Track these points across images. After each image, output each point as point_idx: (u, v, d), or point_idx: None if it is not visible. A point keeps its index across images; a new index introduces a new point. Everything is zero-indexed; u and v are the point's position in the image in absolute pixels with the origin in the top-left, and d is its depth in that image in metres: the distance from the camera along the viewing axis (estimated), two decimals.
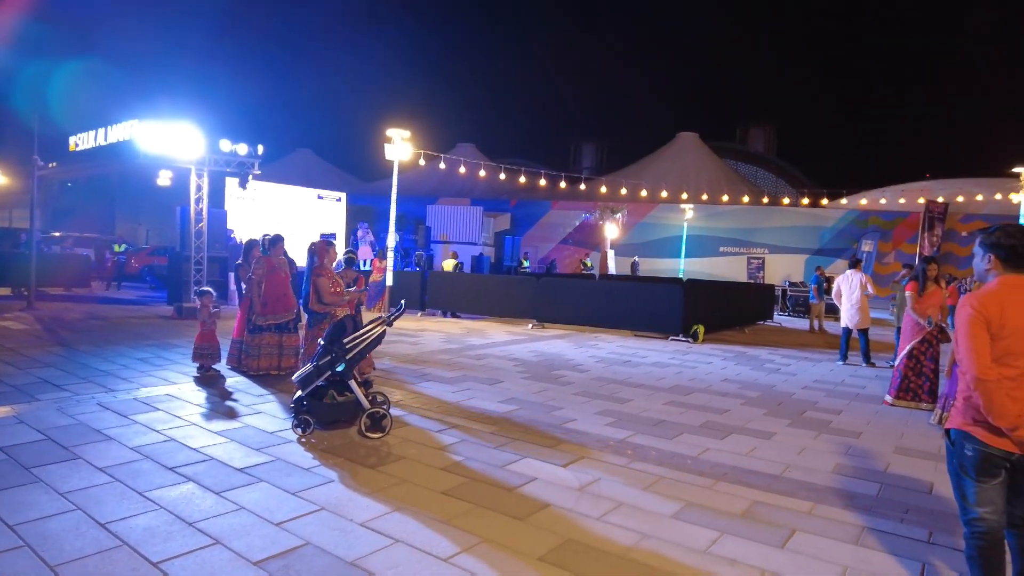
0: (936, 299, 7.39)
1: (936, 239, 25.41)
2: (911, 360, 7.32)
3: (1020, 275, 2.57)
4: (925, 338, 7.32)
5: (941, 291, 7.53)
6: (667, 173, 34.96)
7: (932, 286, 7.41)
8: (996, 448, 2.52)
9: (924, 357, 7.29)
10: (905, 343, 7.45)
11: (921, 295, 7.37)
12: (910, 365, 7.31)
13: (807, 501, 4.13)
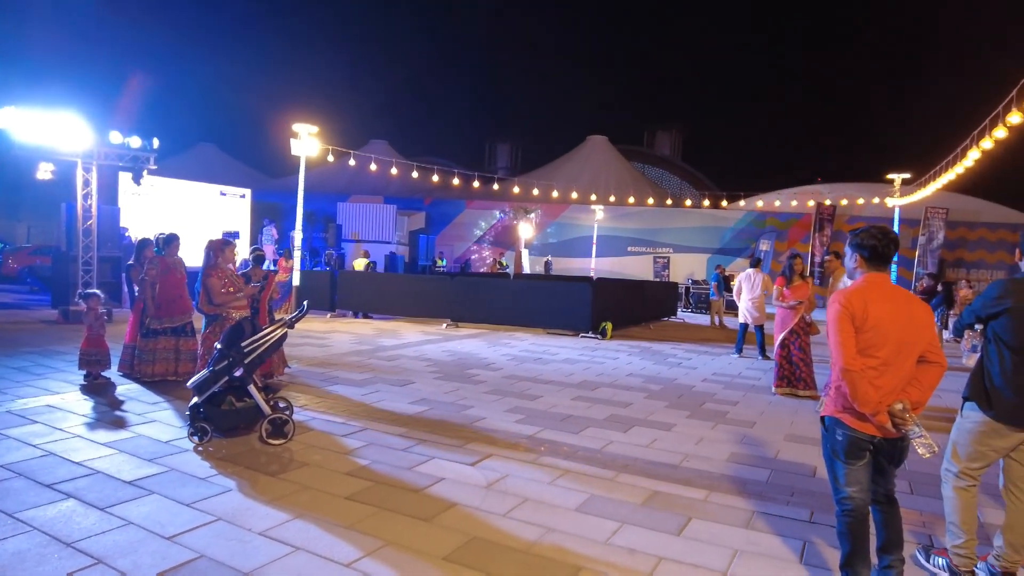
0: (802, 292, 7.90)
1: (826, 239, 27.25)
2: (783, 350, 7.82)
3: (882, 273, 2.82)
4: (793, 329, 7.79)
5: (807, 285, 8.01)
6: (578, 175, 35.68)
7: (798, 280, 7.94)
8: (862, 432, 2.75)
9: (793, 347, 7.76)
10: (777, 335, 7.94)
11: (788, 289, 7.93)
12: (783, 355, 7.81)
13: (703, 489, 4.34)
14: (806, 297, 7.86)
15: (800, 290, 7.88)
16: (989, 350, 3.10)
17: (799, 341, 7.81)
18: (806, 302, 7.88)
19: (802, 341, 7.82)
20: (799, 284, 7.91)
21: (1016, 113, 9.21)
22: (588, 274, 25.73)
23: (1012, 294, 3.02)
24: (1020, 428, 3.03)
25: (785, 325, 7.88)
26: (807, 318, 7.92)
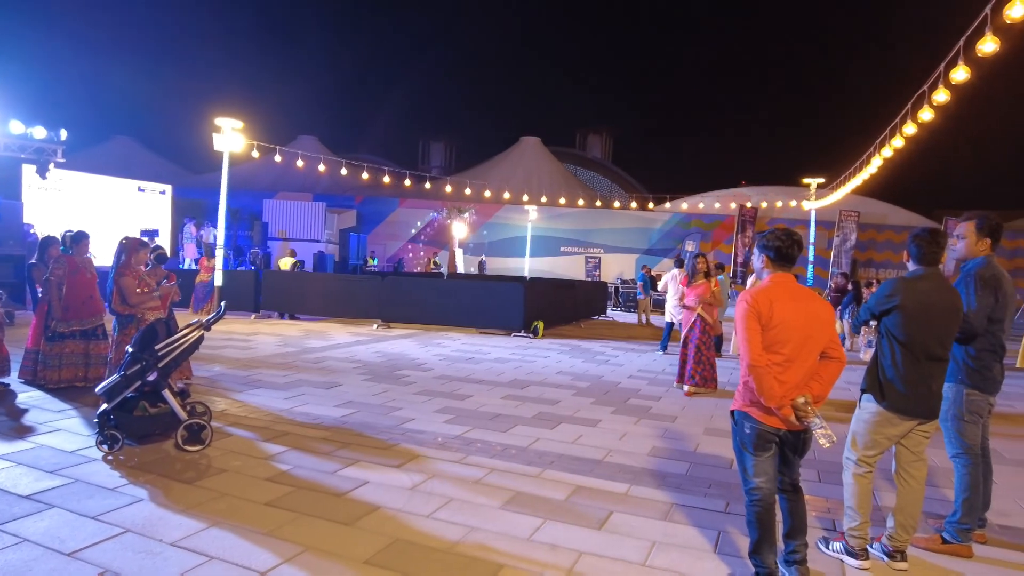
0: (702, 292, 8.01)
1: (748, 240, 28.40)
2: (684, 348, 7.92)
3: (786, 272, 2.98)
4: (693, 327, 7.91)
5: (708, 284, 8.14)
6: (512, 175, 35.89)
7: (700, 279, 8.15)
8: (768, 425, 2.89)
9: (692, 345, 7.83)
10: (682, 333, 8.11)
11: (688, 288, 8.17)
12: (685, 353, 7.90)
13: (624, 483, 4.45)
14: (706, 296, 7.93)
15: (700, 288, 7.98)
16: (882, 345, 3.32)
17: (702, 339, 7.85)
18: (711, 300, 7.97)
19: (703, 339, 7.87)
20: (701, 283, 8.03)
21: (911, 124, 9.89)
22: (522, 274, 25.94)
23: (901, 292, 3.24)
24: (909, 417, 3.25)
25: (686, 324, 8.01)
26: (708, 317, 7.96)
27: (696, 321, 7.93)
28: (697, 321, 7.92)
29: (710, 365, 7.85)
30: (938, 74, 8.23)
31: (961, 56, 7.50)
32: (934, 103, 8.67)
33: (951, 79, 7.72)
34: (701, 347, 7.80)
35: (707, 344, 7.87)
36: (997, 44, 6.64)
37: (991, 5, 6.45)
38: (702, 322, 7.92)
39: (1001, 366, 3.58)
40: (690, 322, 7.96)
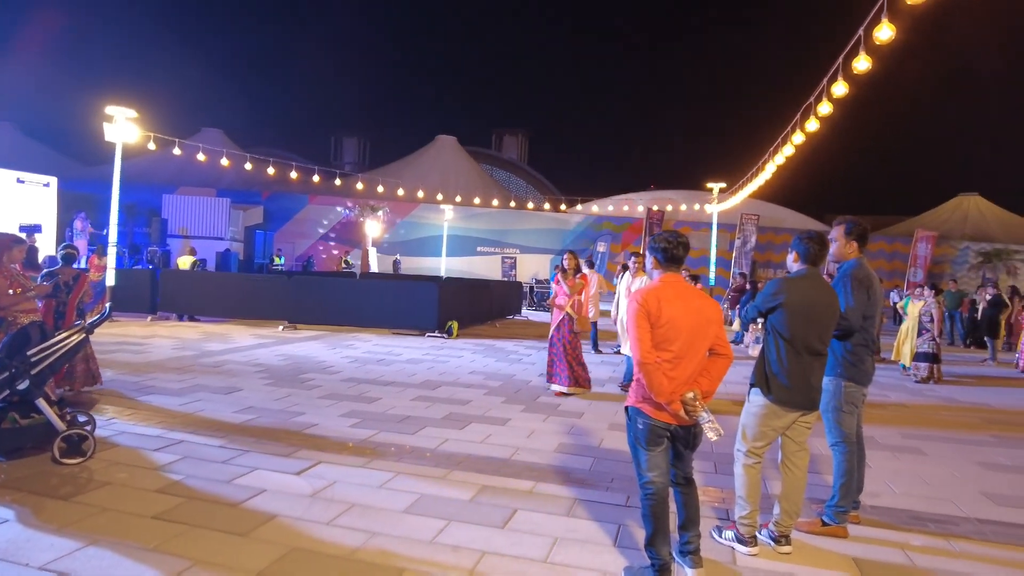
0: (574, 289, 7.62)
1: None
2: (552, 348, 7.65)
3: (675, 273, 3.11)
4: (559, 325, 7.61)
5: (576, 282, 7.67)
6: (427, 174, 35.61)
7: (571, 278, 7.67)
8: (659, 421, 3.00)
9: (557, 343, 7.57)
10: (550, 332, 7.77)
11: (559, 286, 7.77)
12: (553, 353, 7.62)
13: (530, 481, 4.50)
14: (578, 294, 7.62)
15: (571, 287, 7.64)
16: (768, 341, 3.52)
17: (569, 339, 7.59)
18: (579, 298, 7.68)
19: (571, 340, 7.59)
20: (571, 282, 7.68)
21: (800, 133, 10.61)
22: (438, 273, 25.78)
23: (785, 292, 3.45)
24: (793, 409, 3.46)
25: (554, 322, 7.70)
26: (576, 316, 7.67)
27: (564, 320, 7.61)
28: (565, 320, 7.61)
29: (580, 365, 7.64)
30: (821, 88, 8.88)
31: (840, 72, 8.12)
32: (819, 114, 9.34)
33: (832, 93, 8.36)
34: (567, 347, 7.53)
35: (575, 344, 7.61)
36: (870, 62, 7.27)
37: (864, 27, 7.05)
38: (570, 321, 7.63)
39: (872, 359, 3.87)
40: (557, 321, 7.64)
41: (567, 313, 7.63)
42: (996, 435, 6.70)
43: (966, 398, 8.80)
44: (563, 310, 7.63)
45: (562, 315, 7.64)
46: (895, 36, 6.53)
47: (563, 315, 7.63)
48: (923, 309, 10.15)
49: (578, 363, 7.63)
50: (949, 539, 3.89)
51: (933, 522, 4.15)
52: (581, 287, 7.73)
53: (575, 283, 7.68)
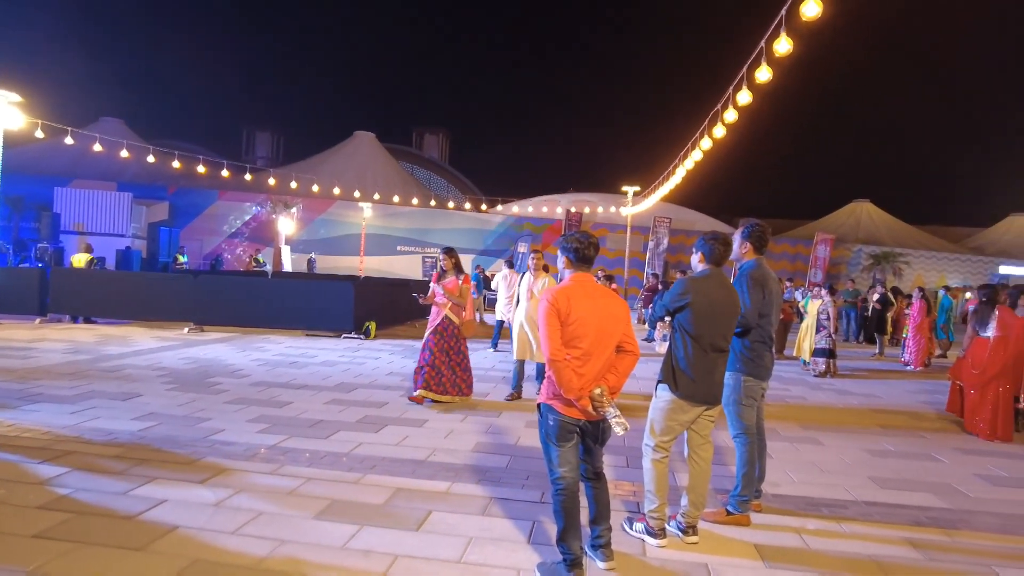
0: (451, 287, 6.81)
1: None
2: (425, 352, 6.84)
3: (585, 272, 3.17)
4: (436, 329, 6.88)
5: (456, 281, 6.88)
6: (344, 170, 34.82)
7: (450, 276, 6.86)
8: (569, 417, 3.05)
9: (432, 348, 6.79)
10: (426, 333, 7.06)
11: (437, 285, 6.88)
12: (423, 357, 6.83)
13: (445, 481, 4.47)
14: (454, 294, 6.84)
15: (448, 287, 6.87)
16: (675, 339, 3.64)
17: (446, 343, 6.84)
18: (460, 300, 6.88)
19: (450, 344, 6.87)
20: (447, 284, 6.91)
21: (709, 138, 11.11)
22: (357, 273, 25.24)
23: (691, 291, 3.58)
24: (698, 403, 3.59)
25: (432, 323, 6.93)
26: (456, 319, 6.92)
27: (441, 323, 6.85)
28: (444, 323, 6.86)
29: (461, 370, 6.91)
30: (727, 96, 9.33)
31: (744, 82, 8.56)
32: (725, 121, 9.81)
33: (736, 101, 8.82)
34: (436, 351, 6.75)
35: (455, 348, 6.87)
36: (771, 73, 7.72)
37: (765, 39, 7.47)
38: (449, 324, 6.89)
39: (771, 355, 4.09)
40: (435, 323, 6.87)
41: (446, 316, 6.85)
42: (882, 424, 7.22)
43: (858, 390, 9.44)
44: (443, 309, 6.85)
45: (440, 318, 6.85)
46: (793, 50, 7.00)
47: (441, 318, 6.85)
48: (820, 307, 10.82)
49: (461, 368, 6.94)
50: (840, 522, 4.15)
51: (826, 507, 4.42)
52: (462, 290, 6.87)
53: (456, 285, 6.85)
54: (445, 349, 6.86)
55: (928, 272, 34.60)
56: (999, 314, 6.86)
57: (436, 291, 6.95)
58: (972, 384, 6.95)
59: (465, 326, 7.03)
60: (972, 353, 7.10)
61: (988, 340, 6.89)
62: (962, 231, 46.02)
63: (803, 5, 6.13)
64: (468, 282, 7.00)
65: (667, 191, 17.85)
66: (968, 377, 7.05)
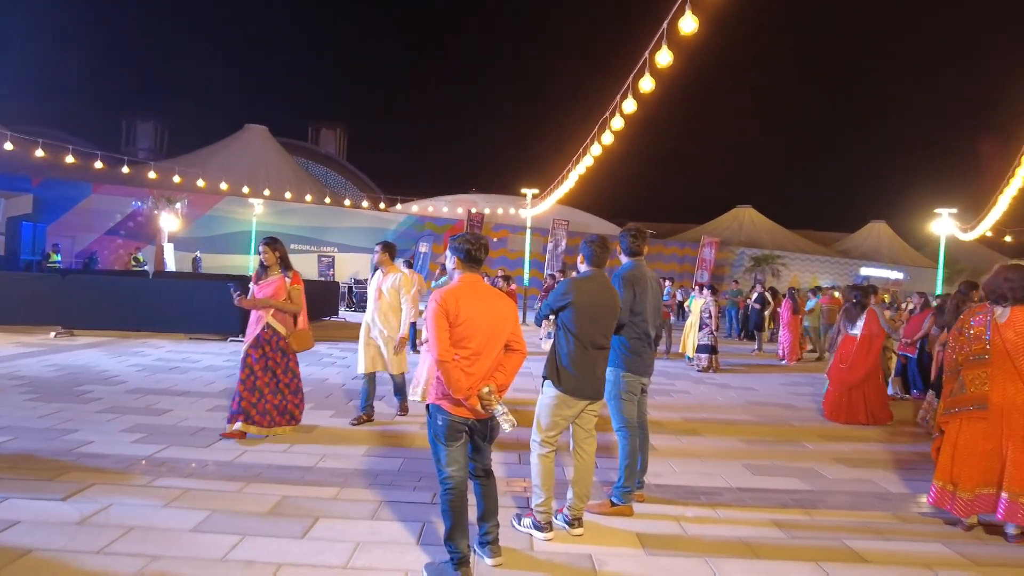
0: (273, 290, 5.45)
1: None
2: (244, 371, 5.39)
3: (474, 273, 3.22)
4: (256, 341, 5.41)
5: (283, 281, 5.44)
6: (234, 165, 33.20)
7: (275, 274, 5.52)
8: (458, 416, 3.09)
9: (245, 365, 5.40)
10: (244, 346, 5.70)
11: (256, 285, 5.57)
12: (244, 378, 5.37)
13: (334, 487, 4.38)
14: (279, 297, 5.43)
15: (270, 288, 5.45)
16: (559, 336, 3.77)
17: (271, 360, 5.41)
18: (285, 305, 5.46)
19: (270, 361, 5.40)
20: (274, 279, 5.49)
21: (598, 144, 11.54)
22: (247, 272, 24.11)
23: (573, 291, 3.71)
24: (581, 399, 3.72)
25: (249, 336, 5.47)
26: (280, 328, 5.46)
27: (263, 334, 5.40)
28: (265, 333, 5.40)
29: (291, 392, 5.55)
30: (615, 104, 9.73)
31: (631, 91, 8.97)
32: (613, 129, 10.23)
33: (623, 109, 9.23)
34: (257, 370, 5.34)
35: (282, 366, 5.48)
36: (654, 83, 8.15)
37: (648, 50, 7.87)
38: (273, 335, 5.40)
39: (650, 352, 4.30)
40: (254, 334, 5.42)
41: (269, 324, 5.42)
42: (758, 415, 7.76)
43: (737, 383, 10.08)
44: (264, 315, 5.43)
45: (260, 327, 5.41)
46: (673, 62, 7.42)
47: (261, 326, 5.41)
48: (703, 306, 11.48)
49: (291, 390, 5.56)
50: (716, 508, 4.43)
51: (704, 494, 4.70)
52: (291, 292, 5.48)
53: (283, 285, 5.46)
54: (269, 367, 5.42)
55: (803, 273, 37.50)
56: (867, 315, 7.58)
57: (255, 293, 5.54)
58: (843, 382, 7.58)
59: (295, 337, 5.56)
60: (841, 349, 7.78)
61: (855, 337, 7.58)
62: (831, 235, 50.26)
63: (680, 20, 6.52)
64: (298, 281, 5.57)
65: (562, 194, 18.31)
66: (837, 373, 7.69)
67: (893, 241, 46.80)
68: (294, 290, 5.55)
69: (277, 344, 5.50)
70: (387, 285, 6.26)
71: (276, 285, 5.51)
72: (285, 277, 5.56)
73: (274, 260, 5.57)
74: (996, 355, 4.12)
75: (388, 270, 6.35)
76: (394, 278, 6.30)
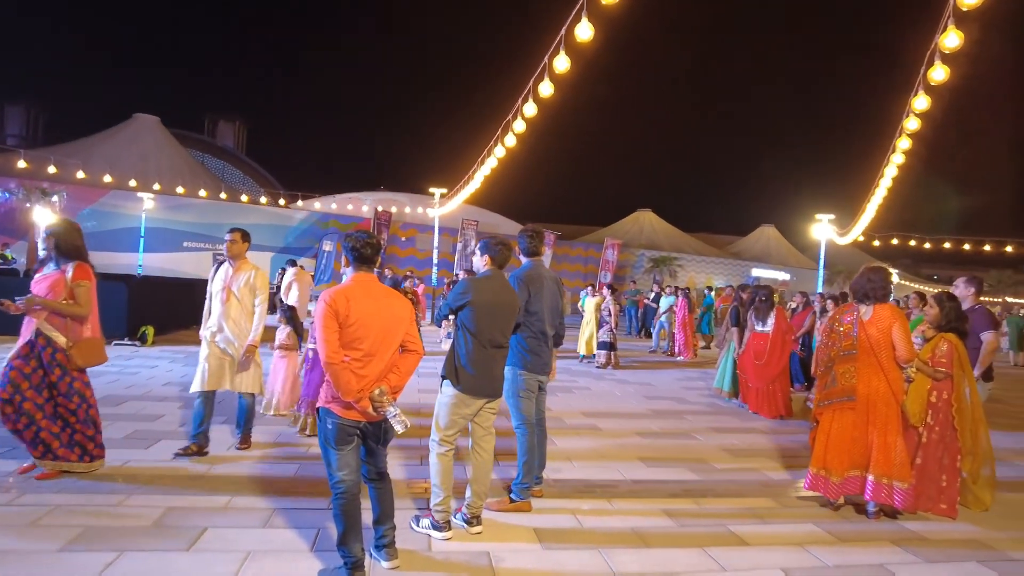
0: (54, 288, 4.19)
1: (383, 242, 29.65)
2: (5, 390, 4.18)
3: (366, 272, 3.17)
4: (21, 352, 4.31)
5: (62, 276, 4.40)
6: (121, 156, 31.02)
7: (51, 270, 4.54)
8: (349, 419, 3.03)
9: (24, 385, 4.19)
10: None
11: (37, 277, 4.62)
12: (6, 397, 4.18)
13: (225, 495, 4.19)
14: (56, 297, 4.31)
15: (43, 283, 4.36)
16: (458, 336, 3.78)
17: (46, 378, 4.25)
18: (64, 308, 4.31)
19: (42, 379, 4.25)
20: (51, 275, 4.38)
21: (502, 145, 11.68)
22: (134, 271, 22.61)
23: (472, 291, 3.74)
24: (479, 397, 3.75)
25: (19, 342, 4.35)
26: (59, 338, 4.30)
27: (32, 343, 4.28)
28: (37, 343, 4.28)
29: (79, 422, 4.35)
30: (517, 108, 9.88)
31: (531, 94, 9.13)
32: (516, 132, 10.38)
33: (523, 113, 9.40)
34: (24, 387, 4.17)
35: (62, 387, 4.29)
36: (553, 88, 8.36)
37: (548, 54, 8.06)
38: (47, 346, 4.27)
39: (548, 351, 4.39)
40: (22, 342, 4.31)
41: (40, 332, 4.26)
42: (654, 408, 8.09)
43: (635, 379, 10.47)
44: (36, 319, 4.29)
45: (30, 334, 4.28)
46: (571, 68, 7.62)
47: (32, 333, 4.28)
48: (603, 305, 11.82)
49: (79, 419, 4.35)
50: (611, 500, 4.59)
51: (600, 487, 4.86)
52: (74, 290, 4.33)
53: (62, 282, 4.32)
54: (39, 385, 4.22)
55: (699, 274, 39.44)
56: (776, 313, 8.08)
57: (32, 289, 4.36)
58: (757, 378, 8.06)
59: (79, 349, 4.35)
60: (752, 345, 8.24)
61: (767, 334, 8.06)
62: (725, 239, 53.17)
63: (577, 27, 6.70)
64: (86, 276, 4.38)
65: (470, 195, 18.34)
66: (751, 368, 8.14)
67: (781, 244, 50.08)
68: (79, 287, 4.29)
69: (52, 358, 4.24)
70: (239, 283, 5.08)
71: (53, 280, 4.31)
72: (66, 270, 4.32)
73: (54, 246, 4.39)
74: (862, 350, 4.50)
75: (241, 264, 5.19)
76: (248, 275, 5.15)
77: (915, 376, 4.54)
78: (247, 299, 5.15)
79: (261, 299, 5.22)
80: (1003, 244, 28.22)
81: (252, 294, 5.18)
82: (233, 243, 5.19)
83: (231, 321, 5.10)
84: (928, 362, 4.66)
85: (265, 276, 5.36)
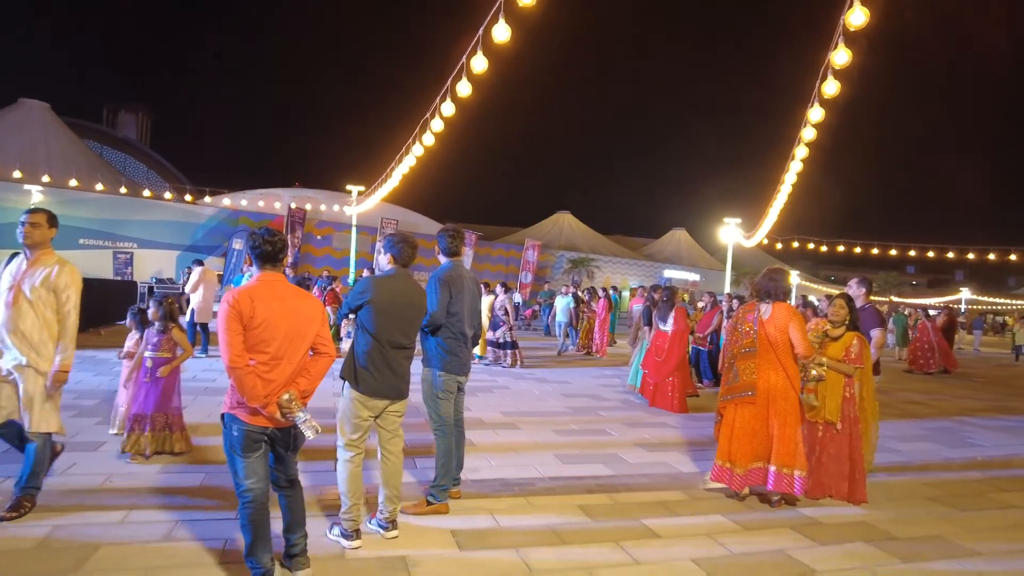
0: None
1: (297, 240, 28.68)
2: None
3: (272, 272, 3.04)
4: None
5: None
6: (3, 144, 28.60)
7: None
8: (255, 426, 2.90)
9: None
10: None
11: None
12: None
13: (121, 510, 3.93)
14: None
15: None
16: (357, 336, 3.70)
17: None
18: None
19: None
20: None
21: (419, 144, 11.60)
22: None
23: (371, 290, 3.67)
24: (379, 398, 3.66)
25: None
26: None
27: None
28: None
29: None
30: (435, 107, 9.84)
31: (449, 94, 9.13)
32: (434, 131, 10.34)
33: (442, 112, 9.38)
34: None
35: None
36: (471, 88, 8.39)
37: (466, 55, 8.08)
38: None
39: (467, 351, 4.38)
40: None
41: None
42: (571, 406, 8.23)
43: (554, 378, 10.62)
44: None
45: None
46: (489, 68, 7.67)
47: None
48: (499, 303, 11.62)
49: None
50: (528, 498, 4.63)
51: (518, 486, 4.89)
52: None
53: None
54: None
55: (615, 275, 40.50)
56: (676, 313, 8.35)
57: None
58: (660, 373, 8.30)
59: None
60: (654, 342, 8.50)
61: (667, 333, 8.33)
62: (639, 240, 54.82)
63: (495, 28, 6.73)
64: None
65: (388, 193, 18.06)
66: (653, 365, 8.41)
67: (691, 246, 52.15)
68: None
69: None
70: (33, 281, 3.77)
71: None
72: None
73: None
74: (761, 347, 4.74)
75: (40, 256, 3.86)
76: (48, 271, 3.82)
77: (826, 374, 4.85)
78: (47, 304, 3.79)
79: (71, 305, 3.87)
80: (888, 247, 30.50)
81: (54, 298, 3.81)
82: (35, 227, 3.82)
83: (17, 336, 3.72)
84: (844, 360, 4.98)
85: (76, 273, 3.96)
